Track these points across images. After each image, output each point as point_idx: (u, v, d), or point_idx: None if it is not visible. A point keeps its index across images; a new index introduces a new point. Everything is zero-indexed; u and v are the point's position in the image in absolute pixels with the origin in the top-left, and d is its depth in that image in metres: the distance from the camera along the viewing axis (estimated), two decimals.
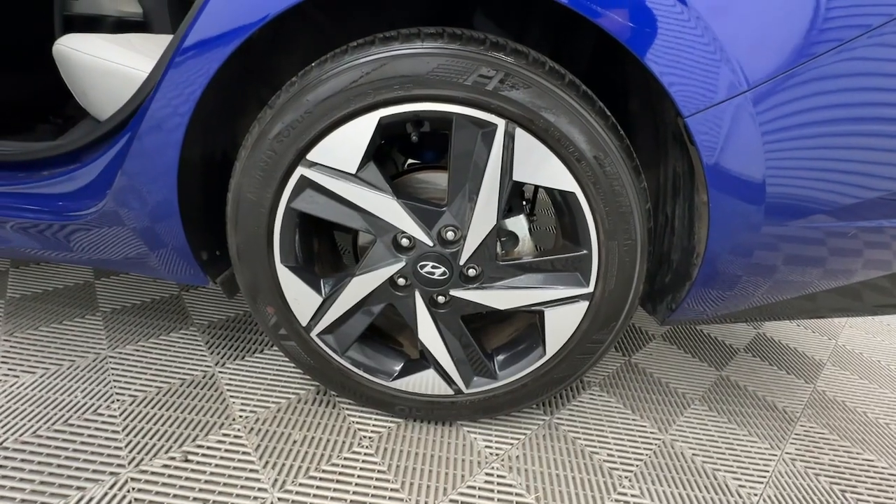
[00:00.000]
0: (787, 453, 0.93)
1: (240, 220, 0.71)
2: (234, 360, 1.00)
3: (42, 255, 0.91)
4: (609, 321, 0.74)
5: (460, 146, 0.65)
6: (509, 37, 0.73)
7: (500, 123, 0.62)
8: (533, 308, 0.75)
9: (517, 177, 0.65)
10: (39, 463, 0.74)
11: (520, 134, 0.63)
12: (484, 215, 0.68)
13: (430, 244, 0.71)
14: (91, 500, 0.69)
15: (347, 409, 0.90)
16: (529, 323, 0.85)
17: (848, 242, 0.68)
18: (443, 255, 0.72)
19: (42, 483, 0.71)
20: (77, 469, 0.73)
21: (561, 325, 0.75)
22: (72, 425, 0.81)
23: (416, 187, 0.78)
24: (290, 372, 0.98)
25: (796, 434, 0.98)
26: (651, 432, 0.93)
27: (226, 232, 0.76)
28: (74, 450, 0.77)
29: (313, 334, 0.80)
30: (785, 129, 0.58)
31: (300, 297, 0.77)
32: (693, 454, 0.89)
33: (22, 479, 0.71)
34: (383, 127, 0.64)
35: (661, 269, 0.83)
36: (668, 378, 1.10)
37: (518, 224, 0.76)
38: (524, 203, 0.82)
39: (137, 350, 1.00)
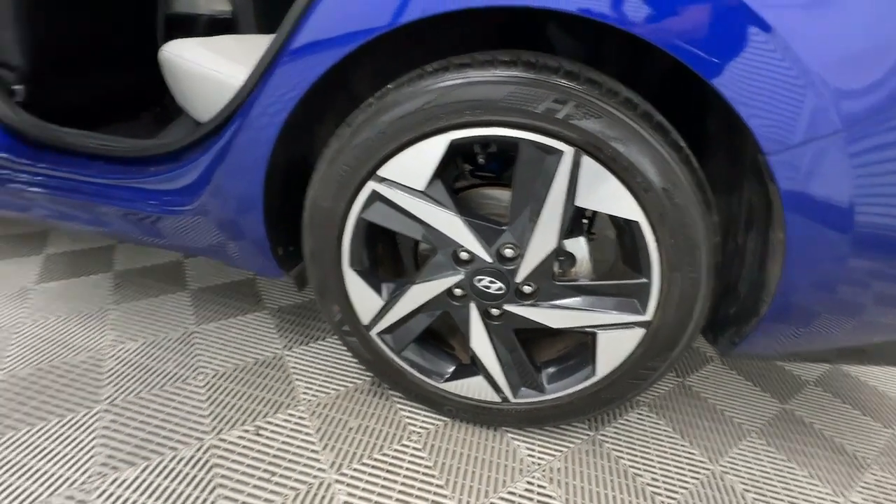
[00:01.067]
0: (852, 501, 0.87)
1: (314, 226, 0.78)
2: (300, 344, 1.10)
3: (135, 238, 1.03)
4: (665, 350, 0.73)
5: (525, 169, 0.66)
6: (584, 52, 0.72)
7: (568, 151, 0.62)
8: (586, 329, 0.76)
9: (580, 203, 0.66)
10: (141, 421, 0.86)
11: (586, 161, 0.63)
12: (544, 237, 0.69)
13: (489, 260, 0.74)
14: (181, 459, 0.80)
15: (398, 402, 0.96)
16: (581, 341, 0.86)
17: None
18: (500, 270, 0.74)
19: (143, 440, 0.83)
20: (170, 430, 0.85)
21: (614, 349, 0.75)
22: (166, 391, 0.93)
23: (480, 202, 0.80)
24: (348, 362, 1.06)
25: (865, 482, 0.92)
26: (700, 461, 0.91)
27: (299, 230, 0.83)
28: (168, 413, 0.89)
29: (373, 333, 0.86)
30: (885, 174, 0.53)
31: (364, 298, 0.82)
32: (744, 489, 0.87)
33: (128, 434, 0.84)
34: (453, 147, 0.67)
35: (725, 298, 0.80)
36: (724, 405, 1.06)
37: (577, 245, 0.76)
38: (584, 222, 0.82)
39: (219, 328, 1.12)
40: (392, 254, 0.93)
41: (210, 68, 0.97)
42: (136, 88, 1.56)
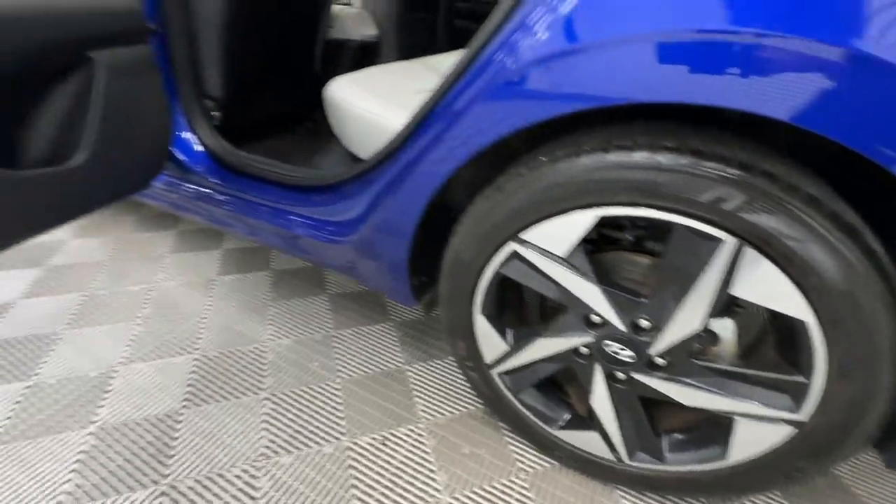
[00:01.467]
0: None
1: (453, 273, 0.84)
2: (420, 361, 1.20)
3: (278, 247, 1.19)
4: (818, 454, 0.67)
5: (676, 252, 0.64)
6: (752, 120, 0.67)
7: (730, 241, 0.59)
8: (722, 413, 0.72)
9: (736, 293, 0.62)
10: (295, 413, 1.03)
11: (751, 253, 0.59)
12: (687, 318, 0.67)
13: (622, 329, 0.74)
14: (325, 455, 0.94)
15: (508, 436, 1.01)
16: (713, 416, 0.81)
17: None
18: (633, 340, 0.74)
19: (296, 431, 0.99)
20: (316, 426, 1.00)
21: (753, 440, 0.70)
22: (312, 389, 1.10)
23: (617, 265, 0.80)
24: (464, 386, 1.13)
25: None
26: None
27: (432, 262, 0.88)
28: (314, 410, 1.04)
29: (494, 372, 0.91)
30: None
31: (489, 341, 0.88)
32: None
33: (284, 423, 1.00)
34: (601, 221, 0.68)
35: None
36: None
37: (723, 326, 0.72)
38: (732, 298, 0.76)
39: (352, 335, 1.27)
40: (518, 300, 0.97)
41: (366, 110, 1.09)
42: (296, 106, 1.80)
